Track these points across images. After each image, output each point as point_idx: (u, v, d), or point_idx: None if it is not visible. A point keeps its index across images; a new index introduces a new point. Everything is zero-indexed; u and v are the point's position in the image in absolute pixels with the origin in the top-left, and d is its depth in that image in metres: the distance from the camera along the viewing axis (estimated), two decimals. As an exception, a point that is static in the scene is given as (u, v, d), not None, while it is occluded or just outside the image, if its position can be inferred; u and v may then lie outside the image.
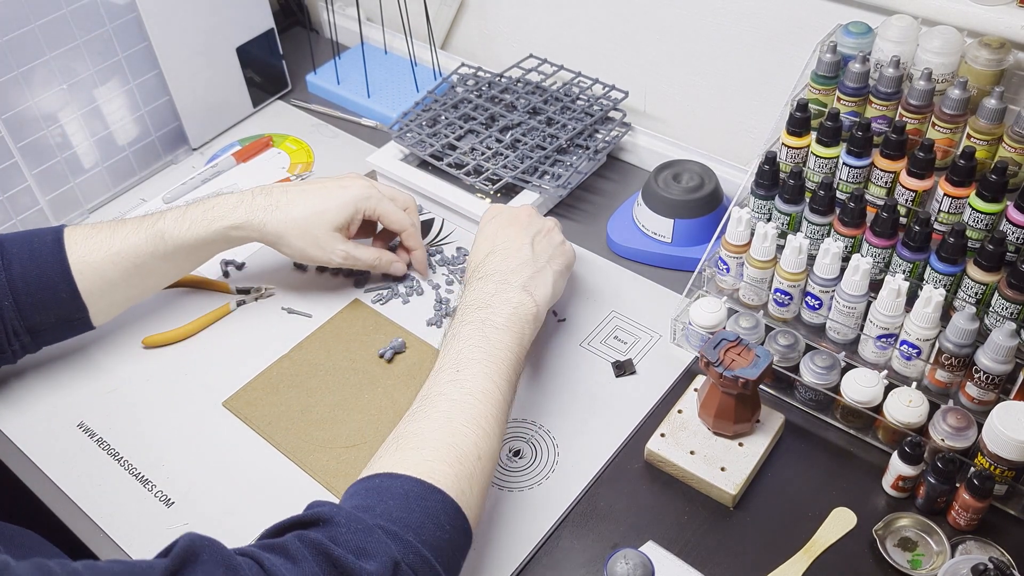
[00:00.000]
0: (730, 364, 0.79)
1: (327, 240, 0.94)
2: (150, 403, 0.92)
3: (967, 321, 0.78)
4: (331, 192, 0.94)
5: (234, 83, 1.25)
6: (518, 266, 0.87)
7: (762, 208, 0.93)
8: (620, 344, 0.95)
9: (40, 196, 1.08)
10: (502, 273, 0.86)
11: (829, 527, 0.79)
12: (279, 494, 0.84)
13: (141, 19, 1.08)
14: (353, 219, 0.95)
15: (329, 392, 0.92)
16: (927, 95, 0.85)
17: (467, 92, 1.19)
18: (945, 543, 0.76)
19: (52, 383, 0.93)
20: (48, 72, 1.03)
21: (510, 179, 1.07)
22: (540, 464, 0.85)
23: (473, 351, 0.78)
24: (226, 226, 0.91)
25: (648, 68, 1.16)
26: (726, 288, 0.95)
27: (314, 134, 1.26)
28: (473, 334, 0.80)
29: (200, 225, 0.90)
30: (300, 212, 0.92)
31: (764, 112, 1.08)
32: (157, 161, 1.20)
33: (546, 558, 0.78)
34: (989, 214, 0.81)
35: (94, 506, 0.83)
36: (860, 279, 0.83)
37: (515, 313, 0.82)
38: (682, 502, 0.82)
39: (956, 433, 0.78)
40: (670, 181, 1.04)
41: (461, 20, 1.34)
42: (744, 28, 1.04)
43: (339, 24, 1.38)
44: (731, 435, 0.83)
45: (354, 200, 0.94)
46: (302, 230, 0.92)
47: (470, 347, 0.78)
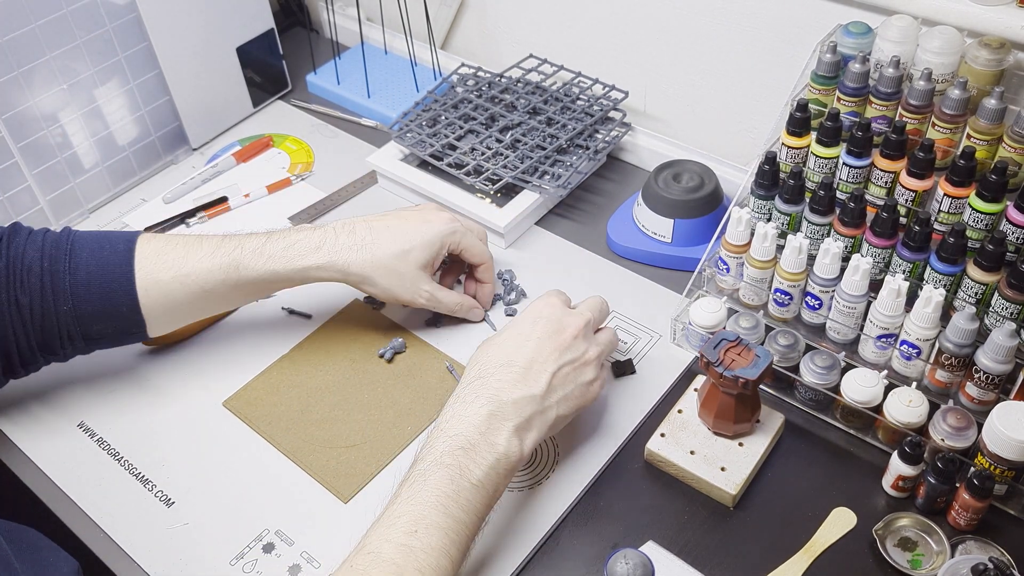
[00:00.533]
0: (730, 364, 0.79)
1: (413, 280, 0.90)
2: (150, 403, 0.92)
3: (967, 321, 0.78)
4: (416, 228, 0.90)
5: (234, 83, 1.25)
6: (523, 399, 0.75)
7: (762, 208, 0.93)
8: (620, 344, 0.95)
9: (40, 196, 1.08)
10: (502, 403, 0.74)
11: (829, 527, 0.79)
12: (279, 494, 0.84)
13: (141, 19, 1.08)
14: (439, 255, 0.92)
15: (329, 392, 0.92)
16: (927, 95, 0.85)
17: (467, 92, 1.19)
18: (945, 543, 0.76)
19: (52, 383, 0.93)
20: (48, 72, 1.03)
21: (510, 179, 1.07)
22: (540, 464, 0.85)
23: (438, 513, 0.68)
24: (307, 266, 0.87)
25: (648, 68, 1.16)
26: (726, 288, 0.95)
27: (314, 134, 1.26)
28: (444, 487, 0.69)
29: (279, 262, 0.87)
30: (386, 251, 0.89)
31: (764, 112, 1.08)
32: (157, 161, 1.20)
33: (546, 558, 0.78)
34: (989, 214, 0.81)
35: (94, 506, 0.83)
36: (860, 279, 0.83)
37: (496, 465, 0.72)
38: (682, 502, 0.82)
39: (956, 433, 0.78)
40: (670, 181, 1.04)
41: (461, 20, 1.34)
42: (744, 28, 1.04)
43: (339, 24, 1.38)
44: (731, 435, 0.83)
45: (440, 236, 0.91)
46: (388, 269, 0.89)
47: (436, 506, 0.68)
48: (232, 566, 0.78)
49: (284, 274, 0.87)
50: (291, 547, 0.80)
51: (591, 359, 0.81)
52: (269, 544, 0.80)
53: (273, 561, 0.79)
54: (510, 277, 1.03)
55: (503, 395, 0.75)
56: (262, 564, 0.78)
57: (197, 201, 1.15)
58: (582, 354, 0.80)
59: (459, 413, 0.74)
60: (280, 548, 0.80)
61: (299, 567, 0.78)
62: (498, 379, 0.76)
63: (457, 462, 0.71)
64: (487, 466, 0.71)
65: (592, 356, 0.81)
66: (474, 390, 0.76)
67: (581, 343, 0.81)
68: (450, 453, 0.71)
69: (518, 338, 0.79)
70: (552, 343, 0.79)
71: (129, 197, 1.17)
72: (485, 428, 0.73)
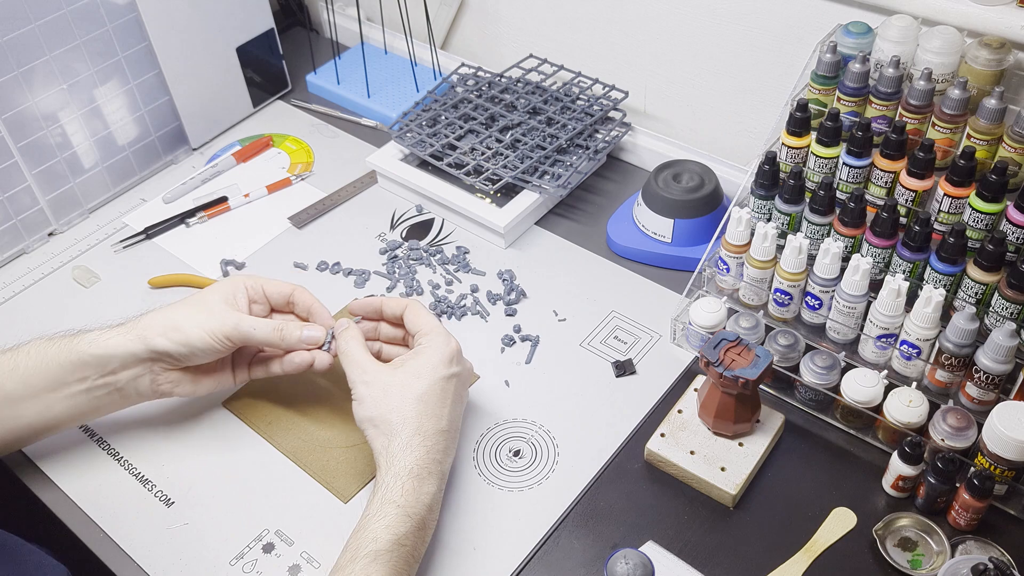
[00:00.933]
0: (730, 364, 0.79)
1: (221, 311, 0.81)
2: (150, 403, 0.91)
3: (967, 321, 0.78)
4: (200, 298, 0.83)
5: (234, 83, 1.25)
6: (439, 433, 0.78)
7: (762, 208, 0.93)
8: (620, 344, 0.95)
9: (40, 196, 1.08)
10: (441, 462, 0.77)
11: (829, 527, 0.79)
12: (279, 494, 0.84)
13: (141, 19, 1.08)
14: (237, 296, 0.84)
15: (329, 392, 0.92)
16: (927, 95, 0.85)
17: (467, 92, 1.19)
18: (945, 543, 0.76)
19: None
20: (48, 72, 1.03)
21: (510, 179, 1.07)
22: (540, 464, 0.85)
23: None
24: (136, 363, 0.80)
25: (648, 68, 1.16)
26: (726, 288, 0.95)
27: (314, 134, 1.26)
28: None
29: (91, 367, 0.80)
30: (201, 319, 0.80)
31: (764, 112, 1.08)
32: (157, 161, 1.20)
33: (546, 558, 0.78)
34: (989, 214, 0.81)
35: (94, 506, 0.83)
36: (860, 279, 0.83)
37: (431, 515, 0.76)
38: (682, 502, 0.82)
39: (956, 433, 0.78)
40: (670, 181, 1.04)
41: (461, 20, 1.34)
42: (744, 28, 1.04)
43: (339, 24, 1.38)
44: (731, 435, 0.83)
45: (231, 282, 0.84)
46: (198, 311, 0.81)
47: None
48: (232, 566, 0.78)
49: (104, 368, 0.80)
50: (291, 547, 0.80)
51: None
52: (269, 544, 0.80)
53: (273, 561, 0.79)
54: (510, 277, 1.03)
55: (438, 457, 0.77)
56: (262, 564, 0.78)
57: (197, 201, 1.15)
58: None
59: (417, 488, 0.75)
60: (280, 548, 0.80)
61: (299, 567, 0.78)
62: (436, 442, 0.77)
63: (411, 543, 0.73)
64: (421, 520, 0.74)
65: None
66: (427, 466, 0.76)
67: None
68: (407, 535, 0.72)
69: (445, 392, 0.79)
70: (463, 387, 0.83)
71: (129, 197, 1.17)
72: (436, 490, 0.76)
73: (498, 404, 0.90)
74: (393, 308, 0.86)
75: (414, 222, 1.11)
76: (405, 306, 0.85)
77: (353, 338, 0.82)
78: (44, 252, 1.10)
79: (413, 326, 0.83)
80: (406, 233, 1.10)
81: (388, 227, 1.11)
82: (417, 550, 0.73)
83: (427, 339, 0.81)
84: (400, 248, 1.07)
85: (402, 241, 1.08)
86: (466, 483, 0.84)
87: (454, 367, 0.80)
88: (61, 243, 1.11)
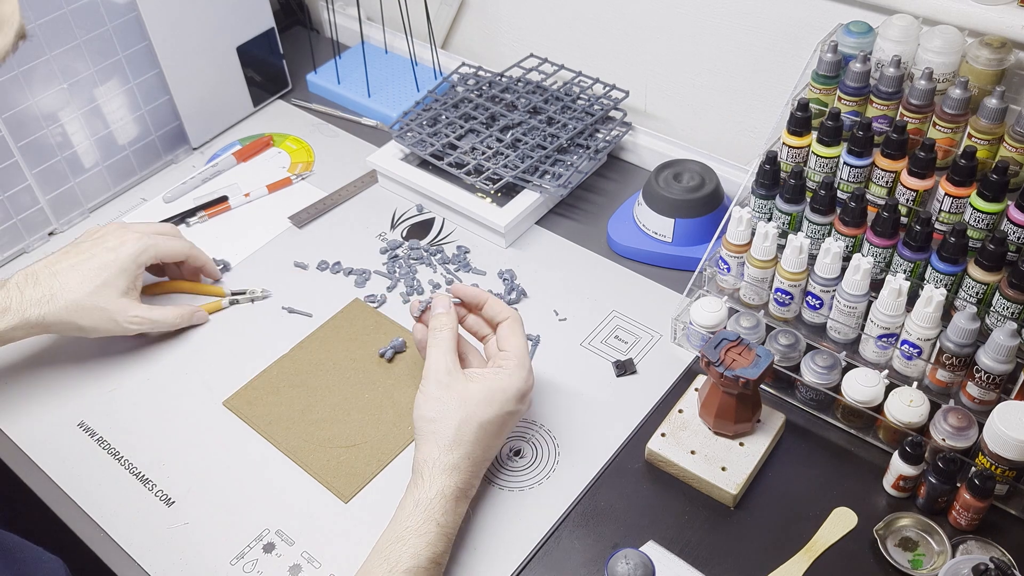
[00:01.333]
0: (731, 364, 0.79)
1: (117, 310, 0.88)
2: (150, 403, 0.92)
3: (968, 321, 0.78)
4: (104, 259, 0.88)
5: (234, 82, 1.24)
6: (484, 461, 0.79)
7: (763, 208, 0.92)
8: (621, 344, 0.95)
9: (40, 195, 1.08)
10: (476, 487, 0.79)
11: (830, 527, 0.79)
12: (279, 494, 0.84)
13: (141, 18, 1.08)
14: (137, 276, 0.91)
15: (329, 391, 0.92)
16: (928, 95, 0.85)
17: (467, 91, 1.19)
18: (946, 543, 0.76)
19: (52, 383, 0.93)
20: (48, 71, 1.03)
21: (510, 178, 1.07)
22: (540, 464, 0.85)
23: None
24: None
25: (649, 67, 1.16)
26: (727, 288, 0.95)
27: (315, 133, 1.26)
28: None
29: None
30: (77, 293, 0.86)
31: (765, 111, 1.08)
32: (157, 160, 1.20)
33: (546, 558, 0.78)
34: (990, 214, 0.80)
35: (94, 506, 0.83)
36: (861, 279, 0.83)
37: (458, 526, 0.77)
38: (683, 502, 0.82)
39: (957, 433, 0.78)
40: (671, 181, 1.04)
41: (462, 19, 1.34)
42: (745, 27, 1.04)
43: (339, 23, 1.38)
44: (732, 435, 0.83)
45: (132, 257, 0.89)
46: (88, 309, 0.86)
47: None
48: (232, 566, 0.78)
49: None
50: (291, 547, 0.80)
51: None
52: (269, 544, 0.80)
53: (273, 561, 0.79)
54: (510, 277, 1.03)
55: (474, 471, 0.78)
56: (262, 564, 0.78)
57: (197, 200, 1.15)
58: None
59: (448, 477, 0.75)
60: (280, 548, 0.79)
61: (299, 567, 0.78)
62: (475, 453, 0.78)
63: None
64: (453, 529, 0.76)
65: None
66: (466, 490, 0.77)
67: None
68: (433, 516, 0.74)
69: (498, 410, 0.79)
70: (515, 414, 0.82)
71: (129, 196, 1.17)
72: (457, 507, 0.77)
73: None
74: (494, 313, 0.85)
75: (414, 222, 1.11)
76: (507, 317, 0.84)
77: (448, 327, 0.82)
78: (44, 252, 1.09)
79: (504, 342, 0.83)
80: (407, 233, 1.10)
81: (389, 227, 1.11)
82: (444, 567, 0.75)
83: (511, 364, 0.80)
84: (401, 248, 1.07)
85: (403, 241, 1.08)
86: (466, 483, 0.84)
87: (520, 405, 0.80)
88: (61, 243, 1.10)
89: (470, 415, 0.77)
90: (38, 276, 0.86)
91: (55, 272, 0.86)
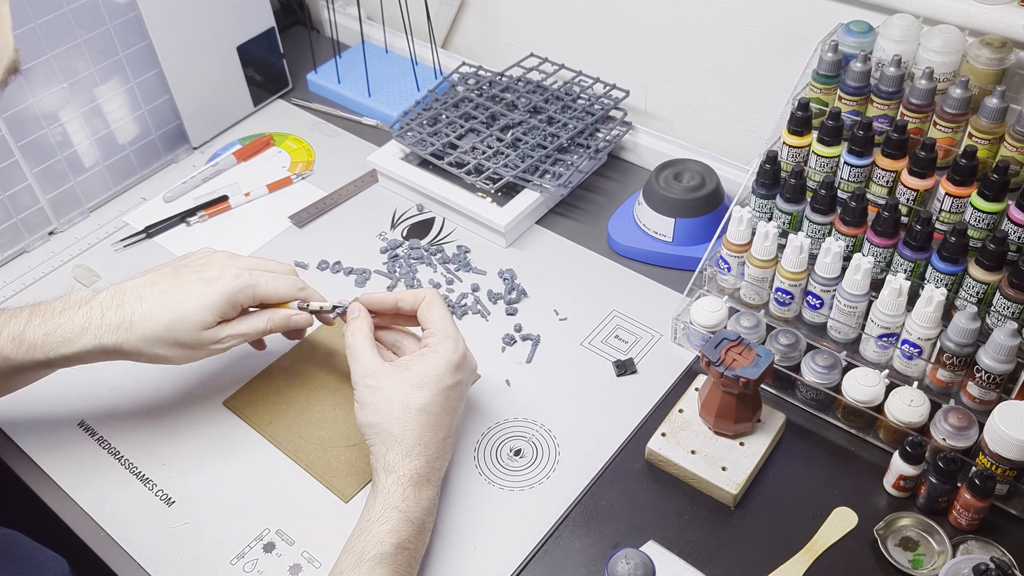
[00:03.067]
0: (731, 363, 0.79)
1: (200, 343, 0.80)
2: (150, 402, 0.92)
3: (968, 320, 0.78)
4: (192, 291, 0.80)
5: (235, 82, 1.24)
6: (441, 441, 0.79)
7: (763, 207, 0.92)
8: (621, 343, 0.95)
9: (40, 195, 1.08)
10: (439, 468, 0.79)
11: (830, 527, 0.79)
12: (280, 493, 0.84)
13: (142, 18, 1.08)
14: (227, 314, 0.81)
15: (329, 391, 0.92)
16: (928, 94, 0.85)
17: (468, 91, 1.19)
18: (946, 543, 0.76)
19: (53, 383, 0.93)
20: (49, 71, 1.03)
21: (511, 178, 1.07)
22: (541, 463, 0.85)
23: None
24: (73, 353, 0.79)
25: (649, 67, 1.16)
26: (727, 287, 0.95)
27: (315, 133, 1.26)
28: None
29: (40, 351, 0.78)
30: (156, 326, 0.79)
31: (765, 111, 1.08)
32: (158, 160, 1.20)
33: (546, 558, 0.78)
34: (990, 213, 0.80)
35: (95, 505, 0.83)
36: (861, 278, 0.83)
37: (429, 518, 0.77)
38: (683, 502, 0.82)
39: (957, 433, 0.78)
40: (671, 180, 1.04)
41: (462, 19, 1.34)
42: (745, 27, 1.04)
43: (340, 23, 1.38)
44: (732, 435, 0.83)
45: (225, 296, 0.80)
46: (166, 342, 0.79)
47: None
48: (233, 565, 0.78)
49: (50, 362, 0.79)
50: (292, 547, 0.80)
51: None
52: (270, 544, 0.80)
53: (274, 560, 0.79)
54: (511, 276, 1.02)
55: (442, 471, 0.80)
56: (263, 563, 0.78)
57: (197, 200, 1.15)
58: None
59: (413, 463, 0.76)
60: (281, 548, 0.79)
61: (300, 567, 0.78)
62: (440, 449, 0.79)
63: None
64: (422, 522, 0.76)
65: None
66: (426, 474, 0.77)
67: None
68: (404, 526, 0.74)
69: (452, 401, 0.80)
70: (464, 395, 0.84)
71: (129, 196, 1.17)
72: (432, 498, 0.78)
73: (499, 403, 0.90)
74: (409, 302, 0.83)
75: (415, 221, 1.11)
76: (422, 298, 0.83)
77: (360, 332, 0.81)
78: (44, 251, 1.10)
79: (425, 321, 0.82)
80: (407, 232, 1.10)
81: (389, 226, 1.11)
82: (418, 552, 0.74)
83: (434, 341, 0.80)
84: (401, 247, 1.07)
85: (403, 240, 1.08)
86: (467, 483, 0.84)
87: (458, 374, 0.79)
88: (62, 242, 1.11)
89: (406, 405, 0.76)
90: (124, 298, 0.80)
91: (142, 296, 0.80)
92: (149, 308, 0.79)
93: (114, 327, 0.79)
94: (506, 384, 0.92)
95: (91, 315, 0.79)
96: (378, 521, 0.72)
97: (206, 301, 0.80)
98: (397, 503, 0.73)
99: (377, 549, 0.71)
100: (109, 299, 0.80)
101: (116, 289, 0.81)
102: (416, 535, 0.74)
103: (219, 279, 0.81)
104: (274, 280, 0.84)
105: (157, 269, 0.84)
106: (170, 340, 0.79)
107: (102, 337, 0.79)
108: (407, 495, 0.74)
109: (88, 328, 0.79)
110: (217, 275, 0.81)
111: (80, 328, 0.79)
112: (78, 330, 0.78)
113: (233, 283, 0.81)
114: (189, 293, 0.80)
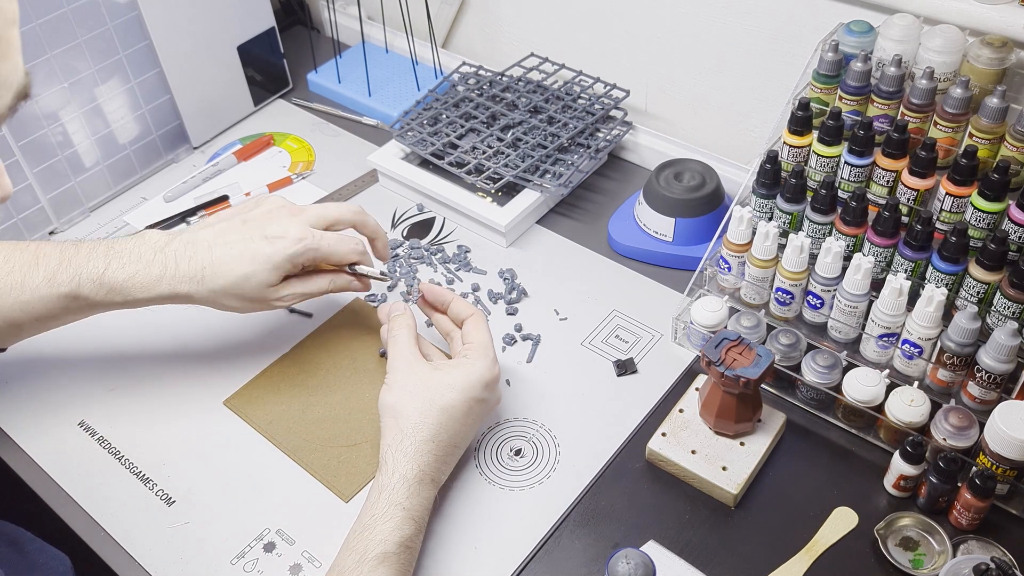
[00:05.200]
0: (731, 363, 0.79)
1: (262, 298, 0.85)
2: (150, 402, 0.92)
3: (969, 320, 0.78)
4: (257, 249, 0.83)
5: (235, 82, 1.24)
6: (451, 447, 0.80)
7: (763, 207, 0.92)
8: (621, 343, 0.95)
9: (41, 195, 1.08)
10: (443, 472, 0.80)
11: (830, 526, 0.79)
12: (280, 493, 0.84)
13: (142, 18, 1.08)
14: (290, 271, 0.86)
15: (330, 391, 0.92)
16: (929, 94, 0.85)
17: (468, 91, 1.19)
18: (947, 543, 0.76)
19: (53, 382, 0.93)
20: (49, 70, 1.03)
21: (511, 178, 1.07)
22: (541, 463, 0.85)
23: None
24: (149, 297, 0.84)
25: (649, 67, 1.16)
26: (727, 287, 0.95)
27: (315, 133, 1.26)
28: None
29: (118, 295, 0.83)
30: (224, 280, 0.83)
31: (765, 111, 1.08)
32: (158, 160, 1.20)
33: (547, 557, 0.78)
34: (991, 213, 0.80)
35: (95, 505, 0.83)
36: (862, 278, 0.83)
37: (428, 512, 0.78)
38: (683, 502, 0.82)
39: (958, 432, 0.78)
40: (671, 180, 1.04)
41: (462, 19, 1.34)
42: (746, 27, 1.04)
43: (340, 23, 1.38)
44: (732, 434, 0.83)
45: (287, 258, 0.84)
46: (231, 297, 0.84)
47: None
48: (233, 565, 0.78)
49: (127, 303, 0.84)
50: (292, 546, 0.80)
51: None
52: (270, 543, 0.80)
53: (274, 560, 0.79)
54: (511, 276, 1.02)
55: (443, 467, 0.80)
56: (263, 563, 0.78)
57: (198, 200, 1.15)
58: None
59: (418, 461, 0.77)
60: (281, 547, 0.79)
61: (300, 566, 0.78)
62: (447, 454, 0.80)
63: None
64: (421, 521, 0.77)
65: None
66: (430, 474, 0.77)
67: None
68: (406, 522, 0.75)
69: (471, 405, 0.81)
70: (485, 409, 0.85)
71: (130, 196, 1.17)
72: (428, 498, 0.78)
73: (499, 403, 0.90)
74: (458, 311, 0.87)
75: (415, 221, 1.11)
76: (470, 315, 0.86)
77: (406, 325, 0.85)
78: (45, 251, 1.10)
79: (468, 336, 0.84)
80: (407, 232, 1.10)
81: (389, 226, 1.11)
82: (417, 552, 0.75)
83: (474, 354, 0.82)
84: (401, 247, 1.07)
85: (403, 240, 1.08)
86: (467, 483, 0.84)
87: (486, 392, 0.81)
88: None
89: (432, 398, 0.78)
90: (196, 248, 0.84)
91: (212, 246, 0.84)
92: (218, 260, 0.83)
93: (187, 278, 0.83)
94: (506, 384, 0.92)
95: (167, 263, 0.83)
96: (382, 518, 0.72)
97: (270, 262, 0.83)
98: (401, 500, 0.74)
99: (380, 548, 0.71)
100: (183, 248, 0.84)
101: (191, 238, 0.85)
102: (417, 534, 0.74)
103: (282, 239, 0.84)
104: (335, 243, 0.87)
105: (227, 219, 0.87)
106: (236, 294, 0.84)
107: (176, 286, 0.83)
108: (412, 492, 0.74)
109: (164, 276, 0.83)
110: (281, 234, 0.84)
111: (157, 276, 0.83)
112: (155, 277, 0.83)
113: (295, 247, 0.84)
114: (255, 252, 0.83)
